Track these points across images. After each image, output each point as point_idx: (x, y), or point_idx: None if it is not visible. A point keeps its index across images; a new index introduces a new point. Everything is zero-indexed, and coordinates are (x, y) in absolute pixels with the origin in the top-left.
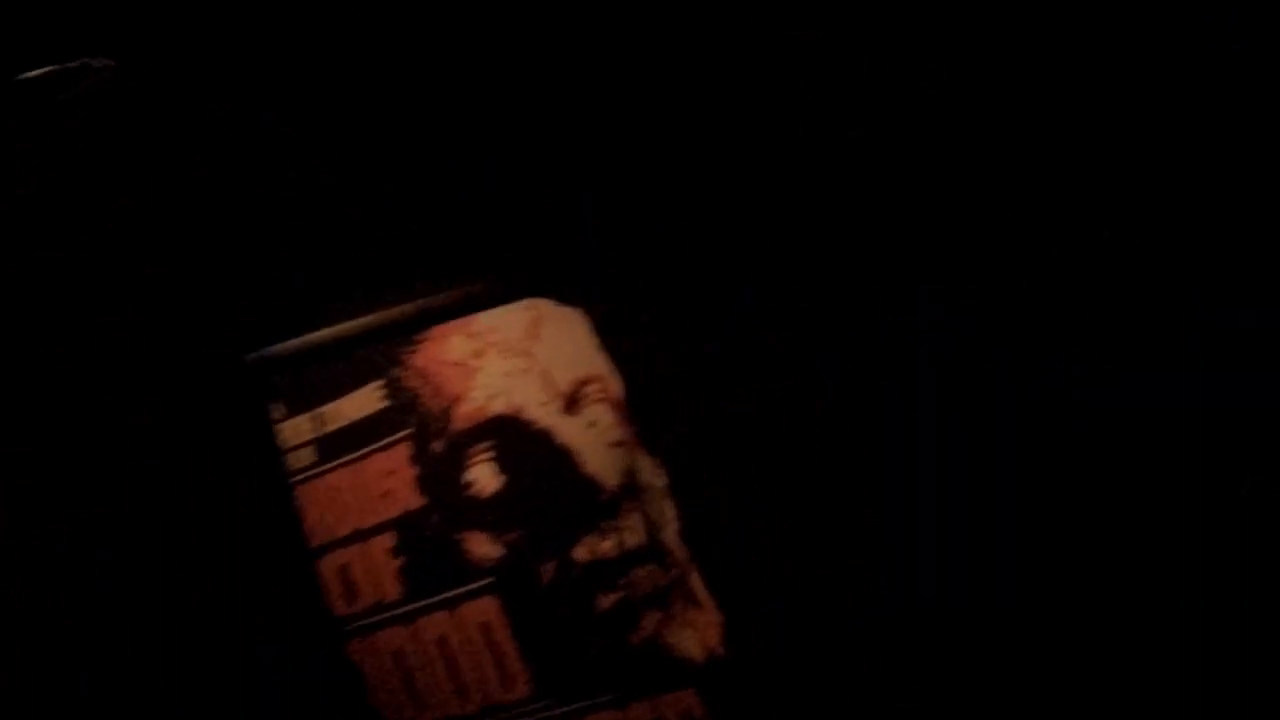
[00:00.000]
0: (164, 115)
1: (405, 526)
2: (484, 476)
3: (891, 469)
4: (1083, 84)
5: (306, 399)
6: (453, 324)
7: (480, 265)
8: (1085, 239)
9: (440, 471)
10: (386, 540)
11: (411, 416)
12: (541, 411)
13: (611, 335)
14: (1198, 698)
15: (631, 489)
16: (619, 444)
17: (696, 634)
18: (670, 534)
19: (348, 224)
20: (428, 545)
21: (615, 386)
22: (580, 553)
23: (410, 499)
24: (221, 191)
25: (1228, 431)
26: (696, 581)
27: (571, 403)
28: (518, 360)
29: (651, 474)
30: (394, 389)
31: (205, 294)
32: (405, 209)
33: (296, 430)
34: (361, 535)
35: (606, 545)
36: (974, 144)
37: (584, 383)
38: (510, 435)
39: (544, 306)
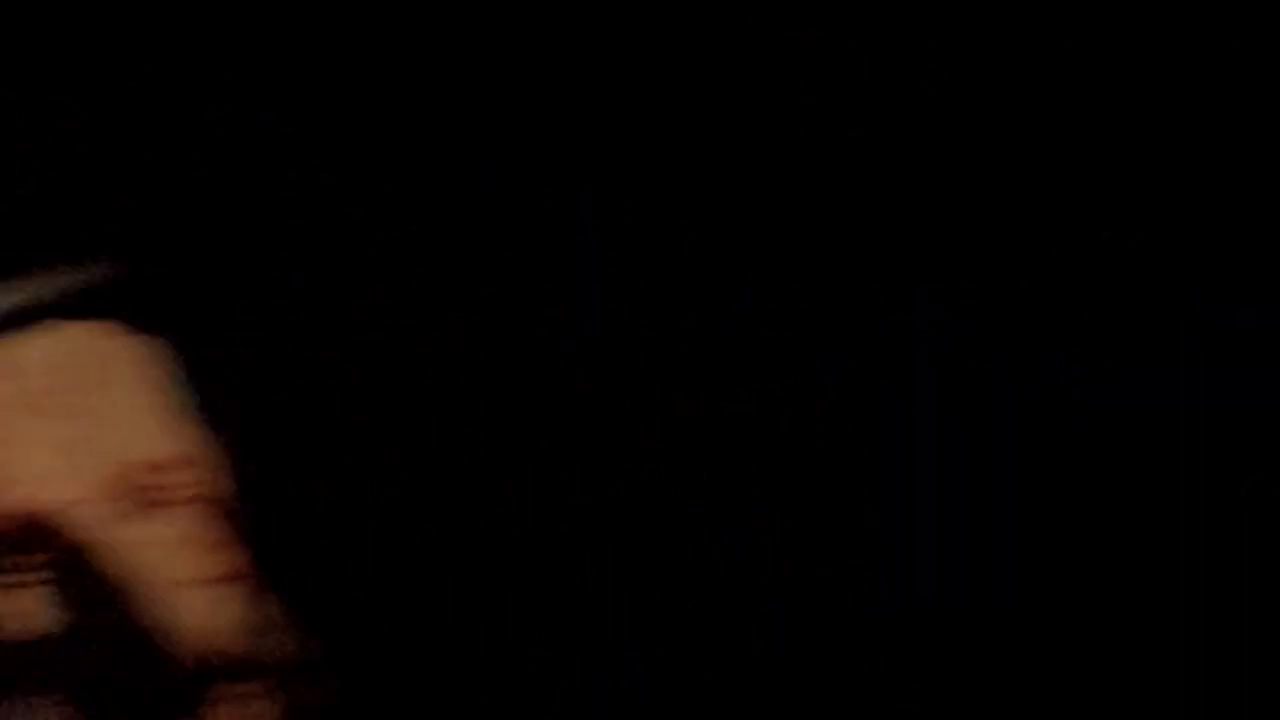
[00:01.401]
0: (164, 115)
1: None
2: (36, 608)
3: (891, 469)
4: (1082, 83)
5: None
6: None
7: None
8: (1085, 239)
9: None
10: None
11: None
12: (90, 513)
13: (217, 391)
14: (1198, 698)
15: (248, 664)
16: (219, 580)
17: None
18: None
19: (347, 224)
20: None
21: (214, 478)
22: None
23: None
24: (221, 191)
25: (1228, 431)
26: None
27: (137, 502)
28: (65, 423)
29: (282, 638)
30: None
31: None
32: (405, 209)
33: None
34: None
35: None
36: (974, 144)
37: (158, 468)
38: (61, 550)
39: (106, 335)
